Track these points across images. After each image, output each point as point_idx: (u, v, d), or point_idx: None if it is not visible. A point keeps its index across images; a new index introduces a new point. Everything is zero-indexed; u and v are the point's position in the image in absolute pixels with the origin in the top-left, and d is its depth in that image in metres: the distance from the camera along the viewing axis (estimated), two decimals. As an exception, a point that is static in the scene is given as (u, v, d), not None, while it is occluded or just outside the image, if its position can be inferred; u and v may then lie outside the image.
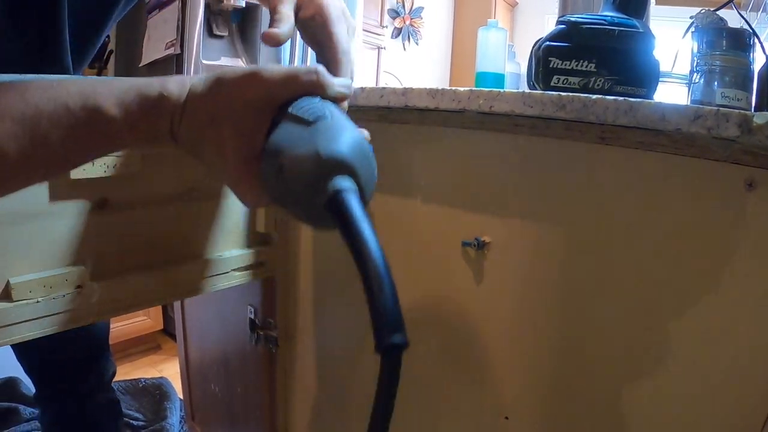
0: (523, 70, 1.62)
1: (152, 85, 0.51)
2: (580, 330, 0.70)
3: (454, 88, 0.75)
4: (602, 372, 0.68)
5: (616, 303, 0.66)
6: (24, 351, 1.25)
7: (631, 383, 0.66)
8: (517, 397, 0.77)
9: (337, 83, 0.53)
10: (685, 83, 1.10)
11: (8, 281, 0.74)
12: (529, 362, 0.75)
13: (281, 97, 0.50)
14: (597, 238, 0.67)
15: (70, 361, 1.26)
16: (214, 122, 0.50)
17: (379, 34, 4.34)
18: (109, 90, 0.50)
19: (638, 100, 0.60)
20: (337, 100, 0.53)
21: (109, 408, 1.38)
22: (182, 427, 2.05)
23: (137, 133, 0.51)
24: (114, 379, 1.37)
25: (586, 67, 0.82)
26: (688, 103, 0.86)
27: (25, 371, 1.30)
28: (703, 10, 1.03)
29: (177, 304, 1.73)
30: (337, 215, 0.43)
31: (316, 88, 0.51)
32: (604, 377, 0.68)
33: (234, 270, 0.99)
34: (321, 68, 0.52)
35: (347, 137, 0.46)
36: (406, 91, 0.80)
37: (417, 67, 5.06)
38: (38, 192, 0.74)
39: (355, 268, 0.40)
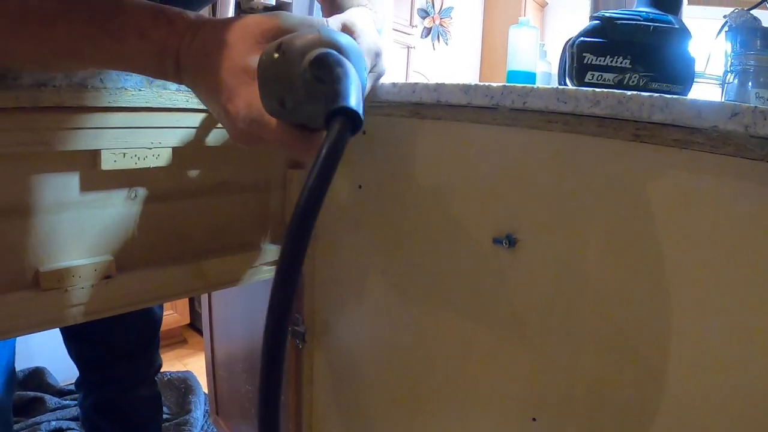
0: (554, 69, 1.61)
1: (174, 9, 0.55)
2: (612, 329, 0.69)
3: (487, 83, 0.74)
4: (635, 373, 0.67)
5: (650, 302, 0.65)
6: (73, 335, 1.26)
7: (665, 384, 0.65)
8: (546, 398, 0.77)
9: None
10: (719, 84, 1.08)
11: (37, 270, 0.74)
12: (559, 362, 0.74)
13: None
14: (630, 237, 0.66)
15: (119, 349, 1.27)
16: (224, 45, 0.53)
17: (409, 34, 4.34)
18: (136, 1, 0.54)
19: (674, 96, 0.59)
20: None
21: (152, 401, 1.39)
22: (206, 421, 2.06)
23: (146, 43, 0.53)
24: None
25: (621, 63, 0.81)
26: (724, 102, 0.84)
27: (71, 356, 1.31)
28: (737, 10, 1.01)
29: (204, 299, 1.75)
30: (325, 66, 0.46)
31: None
32: (636, 378, 0.67)
33: (263, 264, 1.00)
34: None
35: (346, 38, 0.51)
36: (438, 87, 0.79)
37: (446, 67, 5.05)
38: (69, 182, 0.75)
39: None
